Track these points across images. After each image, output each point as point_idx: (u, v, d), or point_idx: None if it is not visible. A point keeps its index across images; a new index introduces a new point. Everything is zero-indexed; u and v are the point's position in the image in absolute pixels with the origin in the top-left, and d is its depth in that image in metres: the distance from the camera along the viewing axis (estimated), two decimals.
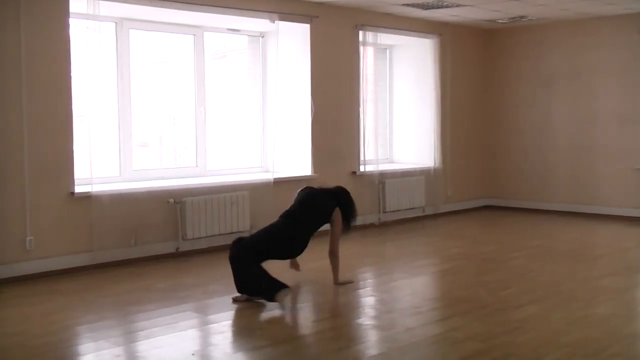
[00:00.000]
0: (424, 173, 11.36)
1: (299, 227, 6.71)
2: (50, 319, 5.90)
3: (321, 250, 7.09)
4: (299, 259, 7.13)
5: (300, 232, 6.70)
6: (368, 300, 6.62)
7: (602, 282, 7.18)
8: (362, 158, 10.47)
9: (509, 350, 5.04)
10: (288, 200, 9.41)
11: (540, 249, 8.92)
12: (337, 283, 6.93)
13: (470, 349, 5.07)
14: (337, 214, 6.93)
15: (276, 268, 6.70)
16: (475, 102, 12.52)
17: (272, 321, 5.99)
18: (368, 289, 7.10)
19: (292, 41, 9.78)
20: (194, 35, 9.13)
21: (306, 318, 6.15)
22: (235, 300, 6.36)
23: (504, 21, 11.52)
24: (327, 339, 5.43)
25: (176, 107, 9.57)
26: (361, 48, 10.39)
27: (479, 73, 12.55)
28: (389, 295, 6.83)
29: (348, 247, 8.87)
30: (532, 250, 8.81)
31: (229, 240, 8.66)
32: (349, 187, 10.10)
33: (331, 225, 6.95)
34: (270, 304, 6.21)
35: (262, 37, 9.89)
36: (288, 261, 7.20)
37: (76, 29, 7.77)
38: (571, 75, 11.71)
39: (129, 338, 5.48)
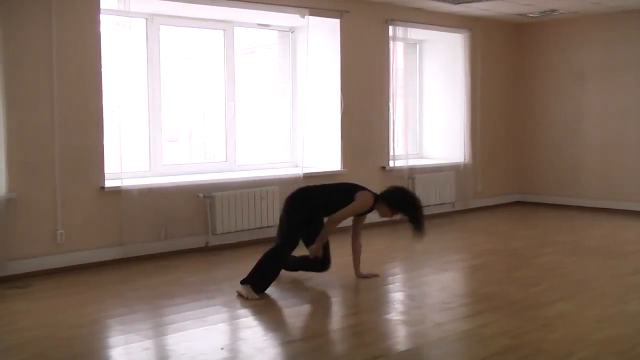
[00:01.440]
0: (453, 168, 11.32)
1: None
2: (80, 312, 5.94)
3: (349, 245, 7.08)
4: None
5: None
6: (397, 295, 6.60)
7: (633, 279, 7.11)
8: (391, 153, 10.45)
9: (539, 347, 5.00)
10: None
11: (571, 245, 8.85)
12: (360, 276, 6.94)
13: (500, 345, 5.03)
14: (360, 196, 6.88)
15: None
16: (505, 97, 12.44)
17: (301, 316, 6.00)
18: (397, 284, 7.08)
19: (322, 36, 9.76)
20: (224, 30, 9.15)
21: (335, 313, 6.15)
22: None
23: (534, 15, 11.43)
24: (356, 334, 5.41)
25: (206, 102, 9.60)
26: (391, 43, 10.36)
27: (509, 67, 12.46)
28: (418, 290, 6.80)
29: (378, 242, 8.88)
30: (562, 247, 8.75)
31: (258, 235, 8.78)
32: (378, 183, 10.18)
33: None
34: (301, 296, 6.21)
35: (292, 32, 9.89)
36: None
37: (107, 25, 7.83)
38: (602, 69, 11.60)
39: (159, 331, 5.51)
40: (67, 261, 7.43)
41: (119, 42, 7.87)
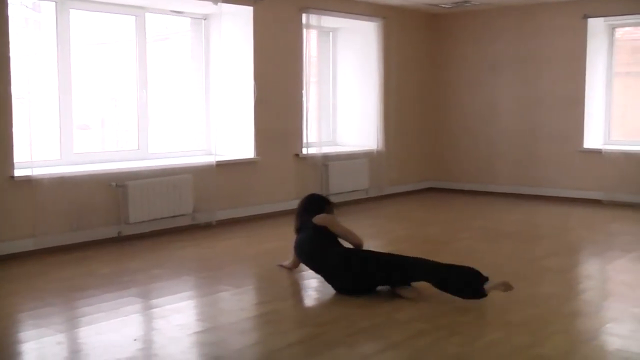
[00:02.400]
0: (367, 155, 11.39)
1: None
2: None
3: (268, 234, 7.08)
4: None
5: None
6: (311, 282, 6.60)
7: (545, 262, 7.30)
8: (305, 140, 10.46)
9: (453, 330, 5.10)
10: (231, 183, 9.43)
11: (485, 230, 9.02)
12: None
13: (415, 329, 5.11)
14: (320, 219, 6.64)
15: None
16: (419, 86, 12.57)
17: (216, 304, 5.97)
18: (309, 271, 7.10)
19: (236, 23, 9.70)
20: (136, 16, 9.01)
21: (249, 301, 6.13)
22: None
23: (447, 6, 11.57)
24: (271, 321, 5.43)
25: (118, 89, 9.46)
26: (305, 31, 10.36)
27: (423, 57, 12.59)
28: None
29: (291, 231, 8.88)
30: (476, 232, 8.90)
31: (171, 224, 8.72)
32: (292, 170, 10.21)
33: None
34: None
35: (205, 20, 9.81)
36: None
37: (15, 8, 7.62)
38: (515, 60, 11.83)
39: (72, 324, 5.42)
40: None
41: (28, 26, 7.69)
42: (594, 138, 11.27)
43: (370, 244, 8.25)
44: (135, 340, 4.97)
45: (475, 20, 12.19)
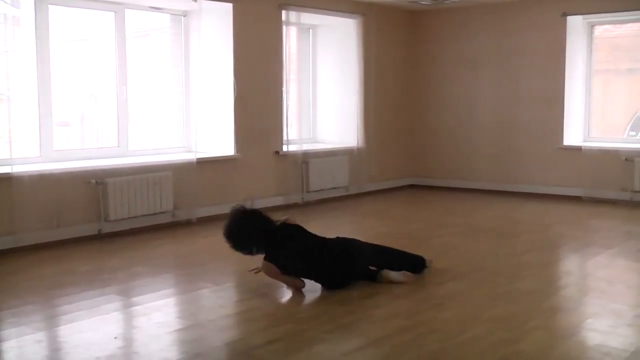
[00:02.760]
0: (347, 152, 11.41)
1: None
2: None
3: None
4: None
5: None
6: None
7: (524, 258, 7.33)
8: (285, 138, 10.46)
9: (433, 326, 5.12)
10: (211, 181, 9.42)
11: (464, 227, 9.06)
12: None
13: (395, 325, 5.13)
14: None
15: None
16: (399, 83, 12.59)
17: (195, 302, 5.97)
18: None
19: (215, 20, 9.68)
20: (115, 12, 8.97)
21: (229, 298, 6.13)
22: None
23: (427, 3, 11.59)
24: (250, 319, 5.44)
25: (97, 85, 9.42)
26: (284, 28, 10.36)
27: (403, 54, 12.61)
28: None
29: None
30: (456, 228, 8.94)
31: (151, 222, 8.71)
32: (272, 167, 10.21)
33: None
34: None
35: (185, 16, 9.78)
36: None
37: None
38: (494, 56, 11.88)
39: (52, 323, 5.41)
40: None
41: (6, 22, 7.64)
42: (573, 135, 11.33)
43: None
44: (115, 338, 4.96)
45: (454, 18, 12.22)
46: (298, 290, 6.05)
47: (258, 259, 6.20)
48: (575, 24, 11.09)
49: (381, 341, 4.83)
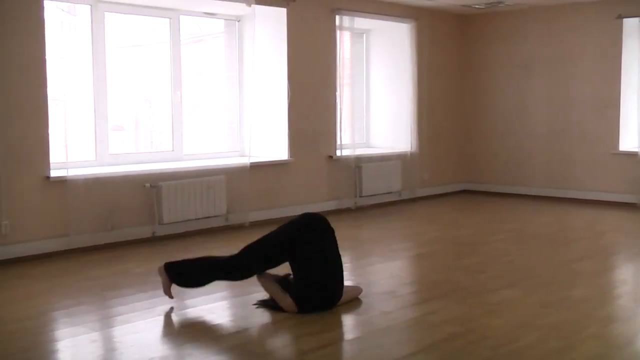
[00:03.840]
0: (400, 157, 11.38)
1: None
2: (27, 304, 5.88)
3: None
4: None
5: None
6: (344, 284, 6.61)
7: (577, 265, 7.24)
8: (338, 142, 10.47)
9: (485, 333, 5.07)
10: (265, 185, 9.46)
11: (517, 233, 8.98)
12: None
13: (447, 332, 5.09)
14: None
15: None
16: (452, 87, 12.54)
17: (248, 306, 5.99)
18: (345, 272, 7.10)
19: (269, 25, 9.73)
20: (170, 18, 9.08)
21: None
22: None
23: (480, 7, 11.53)
24: (303, 323, 5.42)
25: (152, 90, 9.52)
26: (338, 32, 10.37)
27: (456, 58, 12.56)
28: (365, 279, 6.83)
29: None
30: (508, 234, 8.86)
31: (205, 225, 8.77)
32: (325, 171, 10.23)
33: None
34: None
35: (239, 21, 9.85)
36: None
37: (51, 11, 7.71)
38: (547, 60, 11.75)
39: (106, 323, 5.47)
40: (11, 253, 7.34)
41: (63, 29, 7.77)
42: (629, 140, 11.16)
43: (402, 245, 8.32)
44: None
45: (507, 21, 12.13)
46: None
47: None
48: (632, 26, 10.91)
49: (432, 347, 4.81)
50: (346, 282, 6.03)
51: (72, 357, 4.79)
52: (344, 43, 10.80)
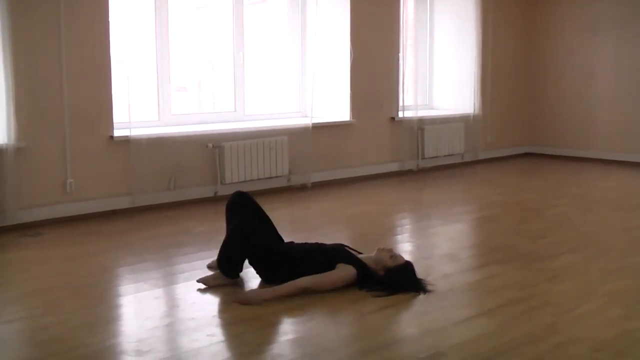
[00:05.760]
0: (463, 119, 11.31)
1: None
2: (92, 260, 6.04)
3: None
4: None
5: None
6: (405, 246, 6.65)
7: None
8: (401, 104, 10.44)
9: (546, 299, 5.05)
10: (326, 146, 9.48)
11: (581, 198, 8.89)
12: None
13: (507, 296, 5.08)
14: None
15: None
16: (517, 49, 12.37)
17: None
18: (405, 235, 7.14)
19: None
20: None
21: None
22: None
23: None
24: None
25: (214, 52, 9.58)
26: None
27: (521, 20, 12.37)
28: (426, 241, 6.86)
29: (386, 194, 8.94)
30: (572, 199, 8.77)
31: (267, 185, 8.84)
32: (387, 133, 10.21)
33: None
34: None
35: None
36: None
37: None
38: (616, 21, 11.50)
39: (169, 280, 5.59)
40: (76, 210, 7.52)
41: None
42: None
43: (463, 209, 8.29)
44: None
45: None
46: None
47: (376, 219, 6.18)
48: None
49: (492, 312, 4.80)
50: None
51: (136, 312, 4.90)
52: (408, 5, 10.71)
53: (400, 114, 10.42)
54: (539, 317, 4.69)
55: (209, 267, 5.76)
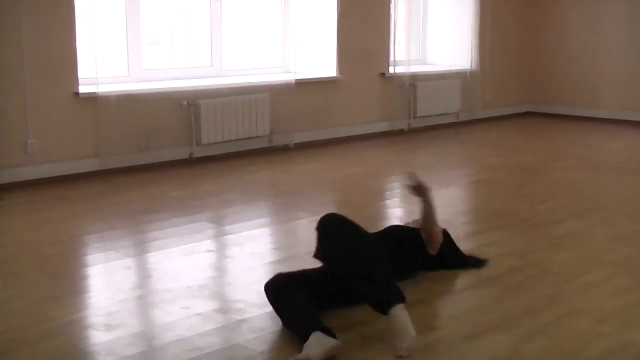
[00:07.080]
0: (459, 76, 11.29)
1: None
2: (58, 227, 6.02)
3: None
4: None
5: None
6: (395, 211, 6.67)
7: None
8: (392, 58, 10.41)
9: (547, 268, 5.09)
10: (311, 104, 9.45)
11: (586, 160, 8.91)
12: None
13: (506, 265, 5.11)
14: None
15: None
16: (519, 1, 12.37)
17: (291, 232, 6.06)
18: (396, 199, 7.16)
19: None
20: None
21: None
22: None
23: None
24: None
25: (189, 1, 9.51)
26: None
27: None
28: (418, 207, 6.85)
29: (375, 155, 8.94)
30: (576, 161, 8.80)
31: (246, 146, 8.82)
32: (377, 90, 10.18)
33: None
34: None
35: None
36: None
37: None
38: None
39: (140, 249, 5.59)
40: (39, 173, 7.48)
41: None
42: None
43: (459, 171, 8.32)
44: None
45: None
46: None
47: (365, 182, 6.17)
48: None
49: (490, 281, 4.83)
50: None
51: (105, 283, 4.91)
52: None
53: (391, 70, 10.39)
54: (539, 287, 4.72)
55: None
